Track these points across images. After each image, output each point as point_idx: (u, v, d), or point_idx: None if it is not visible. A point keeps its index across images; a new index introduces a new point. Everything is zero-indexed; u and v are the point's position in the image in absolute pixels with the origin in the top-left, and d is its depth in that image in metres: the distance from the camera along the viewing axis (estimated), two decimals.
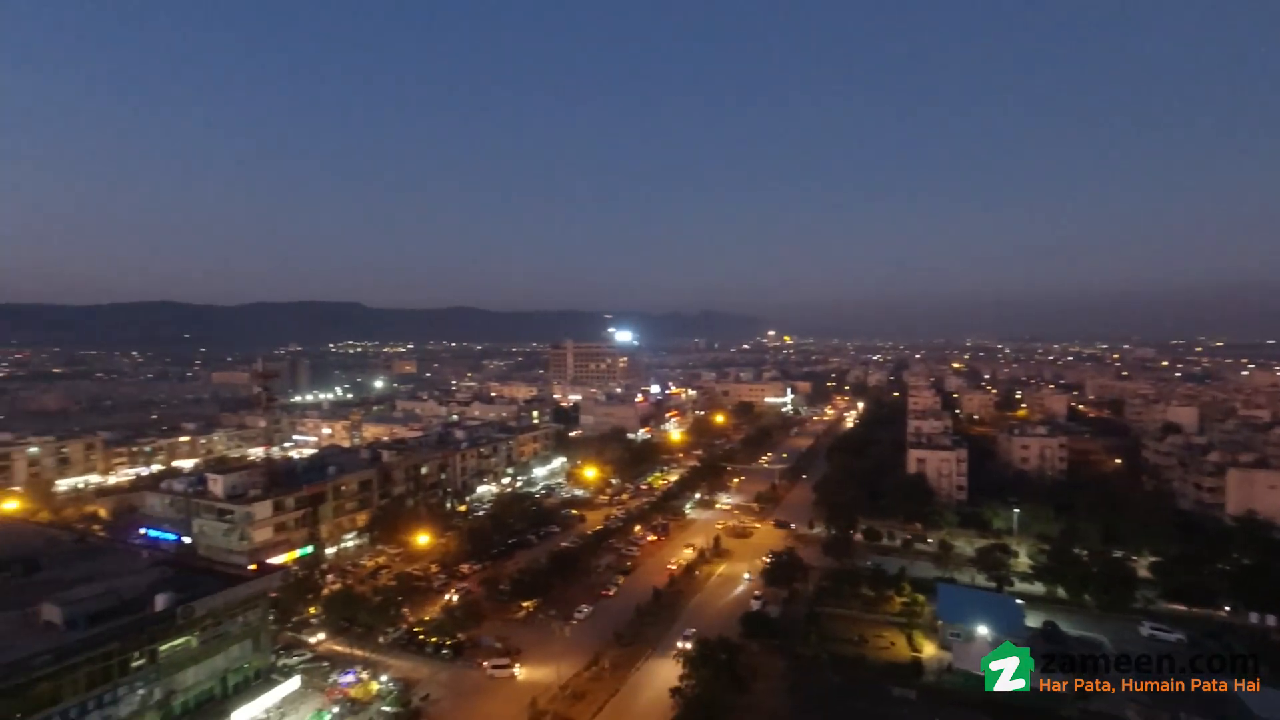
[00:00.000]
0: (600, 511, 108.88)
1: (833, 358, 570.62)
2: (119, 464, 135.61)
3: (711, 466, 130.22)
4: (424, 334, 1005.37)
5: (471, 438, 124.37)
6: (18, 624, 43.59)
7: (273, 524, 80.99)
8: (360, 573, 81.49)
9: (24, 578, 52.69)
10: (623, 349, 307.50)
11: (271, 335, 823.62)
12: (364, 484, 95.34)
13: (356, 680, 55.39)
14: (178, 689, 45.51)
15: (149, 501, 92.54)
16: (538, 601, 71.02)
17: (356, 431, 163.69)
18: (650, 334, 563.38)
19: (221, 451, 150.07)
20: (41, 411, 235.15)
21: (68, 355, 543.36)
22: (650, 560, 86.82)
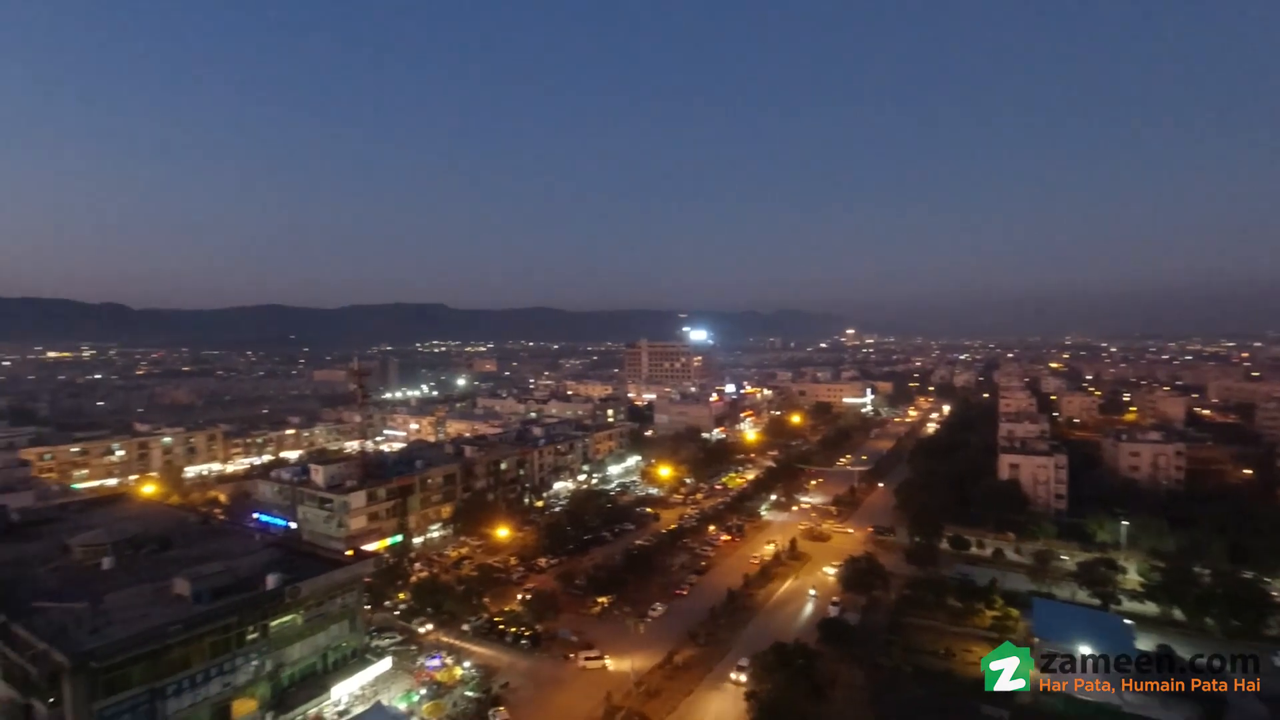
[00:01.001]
0: (674, 510, 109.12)
1: (916, 357, 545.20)
2: (236, 454, 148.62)
3: (788, 468, 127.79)
4: (503, 333, 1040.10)
5: (549, 435, 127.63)
6: (154, 595, 48.61)
7: (366, 513, 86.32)
8: (445, 562, 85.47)
9: (158, 554, 58.68)
10: (697, 348, 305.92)
11: (365, 336, 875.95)
12: (448, 478, 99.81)
13: (442, 665, 58.21)
14: (285, 662, 49.38)
15: (260, 489, 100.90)
16: (612, 598, 72.11)
17: (441, 427, 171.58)
18: (725, 333, 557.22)
19: (322, 444, 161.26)
20: (173, 406, 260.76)
21: (194, 355, 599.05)
22: (725, 561, 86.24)
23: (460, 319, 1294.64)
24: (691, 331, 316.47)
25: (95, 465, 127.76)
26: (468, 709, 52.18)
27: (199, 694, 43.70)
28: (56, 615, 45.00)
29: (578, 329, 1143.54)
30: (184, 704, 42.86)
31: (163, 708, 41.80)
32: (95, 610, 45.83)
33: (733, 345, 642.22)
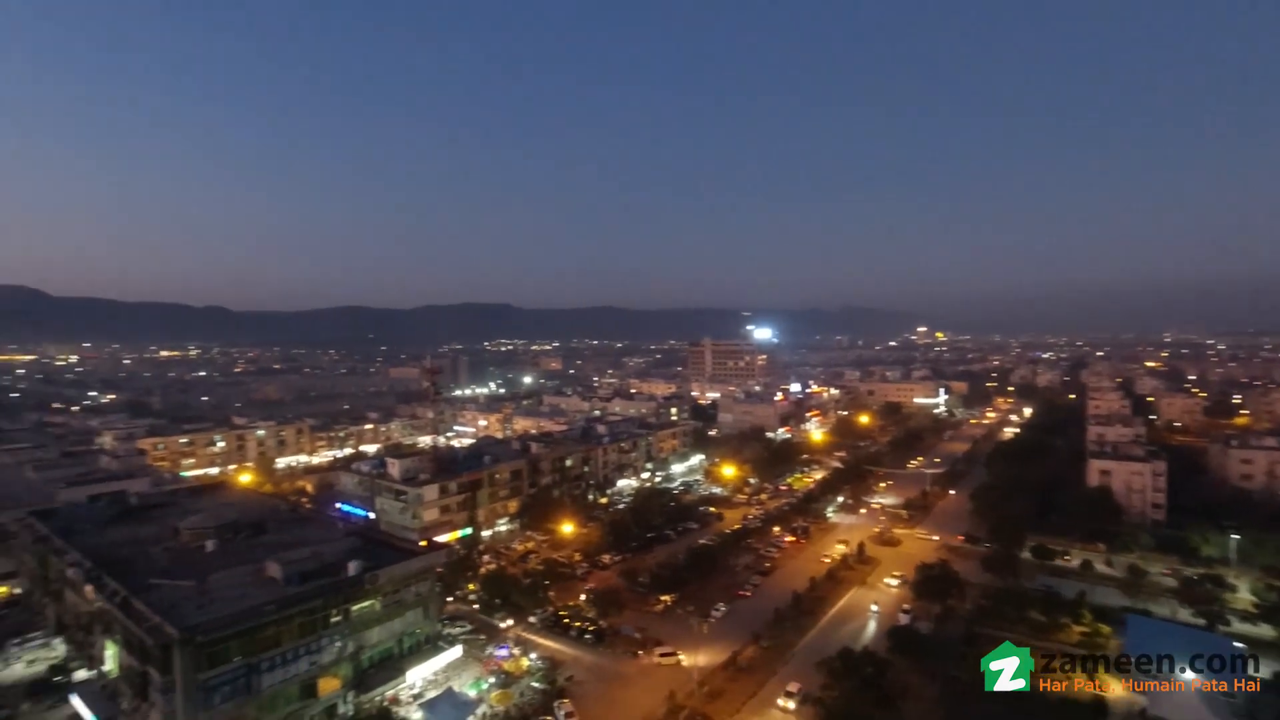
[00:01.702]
0: (738, 510, 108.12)
1: (994, 356, 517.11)
2: (320, 447, 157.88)
3: (855, 469, 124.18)
4: (568, 332, 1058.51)
5: (613, 433, 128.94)
6: (249, 577, 52.43)
7: (438, 506, 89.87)
8: (511, 556, 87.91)
9: (253, 538, 63.20)
10: (761, 346, 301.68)
11: (437, 335, 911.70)
12: (515, 473, 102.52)
13: (509, 655, 59.93)
14: (365, 645, 52.20)
15: (342, 480, 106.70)
16: (675, 596, 72.23)
17: (508, 424, 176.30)
18: (790, 331, 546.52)
19: (397, 439, 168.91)
20: (265, 401, 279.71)
21: (284, 354, 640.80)
22: (789, 563, 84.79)
23: (526, 318, 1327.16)
24: (755, 330, 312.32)
25: (200, 455, 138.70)
26: (534, 699, 53.51)
27: (289, 671, 46.81)
28: (168, 592, 49.26)
29: (641, 328, 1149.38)
30: (276, 679, 46.02)
31: (257, 682, 45.02)
32: (200, 589, 49.89)
33: (798, 344, 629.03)
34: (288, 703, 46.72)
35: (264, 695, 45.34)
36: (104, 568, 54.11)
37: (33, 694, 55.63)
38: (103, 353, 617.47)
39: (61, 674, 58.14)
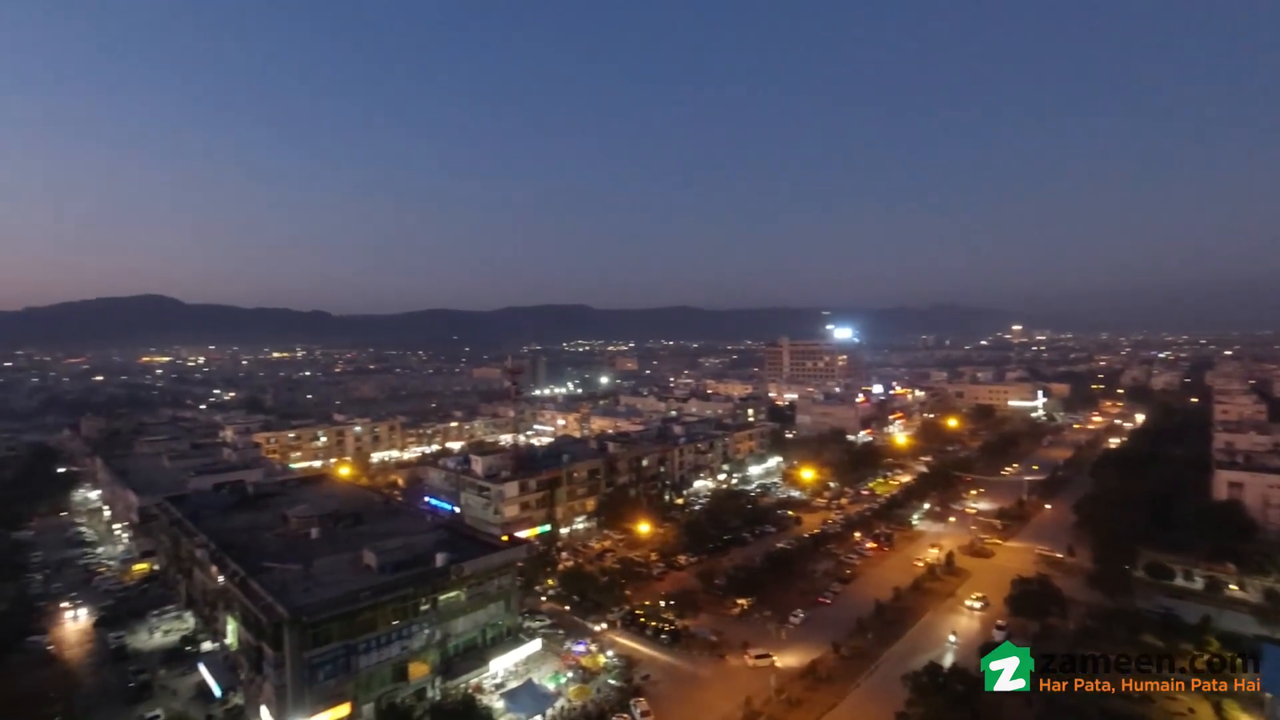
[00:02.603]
0: (817, 515, 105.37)
1: (1100, 355, 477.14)
2: (410, 442, 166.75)
3: (943, 475, 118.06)
4: (644, 333, 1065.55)
5: (689, 433, 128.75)
6: (349, 564, 56.24)
7: (519, 502, 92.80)
8: (589, 553, 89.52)
9: (352, 528, 67.74)
10: (841, 346, 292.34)
11: (517, 336, 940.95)
12: (592, 472, 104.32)
13: (587, 651, 61.07)
14: (451, 634, 54.74)
15: (430, 475, 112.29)
16: (752, 600, 71.27)
17: (586, 423, 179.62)
18: (872, 330, 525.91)
19: (480, 436, 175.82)
20: (361, 399, 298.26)
21: (378, 355, 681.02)
22: (872, 571, 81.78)
23: (603, 319, 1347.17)
24: (835, 329, 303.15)
25: (305, 449, 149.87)
26: (610, 696, 54.27)
27: (383, 654, 49.83)
28: (278, 574, 53.58)
29: (716, 328, 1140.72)
30: (371, 661, 49.10)
31: (355, 662, 48.20)
32: (306, 573, 53.97)
33: (880, 343, 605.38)
34: (382, 684, 49.73)
35: (361, 675, 48.50)
36: (225, 550, 59.59)
37: (167, 661, 62.02)
38: (225, 354, 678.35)
39: (191, 644, 64.49)
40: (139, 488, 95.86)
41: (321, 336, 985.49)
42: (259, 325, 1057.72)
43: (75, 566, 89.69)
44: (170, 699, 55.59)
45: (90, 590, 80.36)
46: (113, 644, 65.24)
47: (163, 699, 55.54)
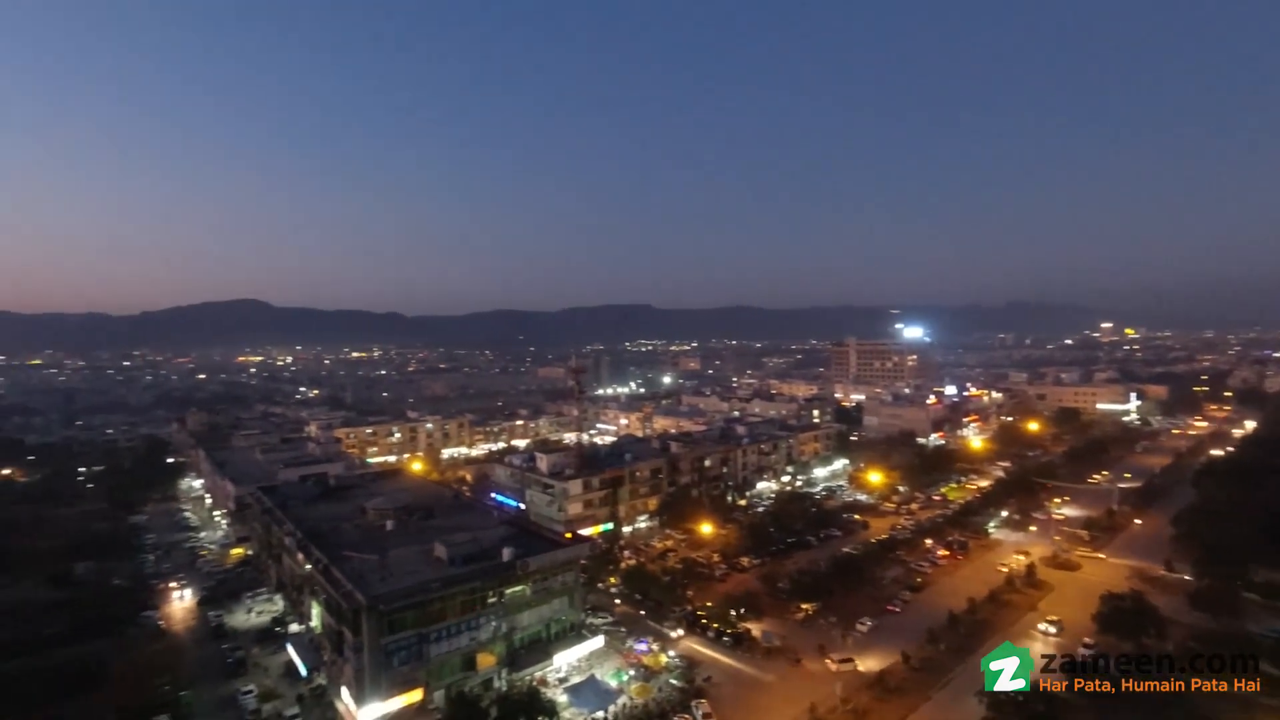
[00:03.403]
0: (885, 520, 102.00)
1: (1204, 355, 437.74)
2: (478, 439, 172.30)
3: (1023, 481, 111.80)
4: (707, 332, 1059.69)
5: (752, 434, 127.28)
6: (420, 556, 58.75)
7: (582, 500, 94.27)
8: (651, 552, 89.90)
9: (424, 521, 70.63)
10: (911, 346, 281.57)
11: (581, 335, 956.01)
12: (655, 471, 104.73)
13: (649, 650, 61.41)
14: (517, 627, 56.28)
15: (496, 472, 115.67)
16: (817, 605, 69.76)
17: (648, 423, 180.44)
18: (944, 329, 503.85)
19: (545, 434, 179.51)
20: (432, 397, 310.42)
21: (447, 354, 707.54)
22: (944, 580, 78.45)
23: (665, 319, 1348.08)
24: (905, 328, 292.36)
25: (381, 444, 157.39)
26: (671, 696, 54.36)
27: (453, 643, 51.82)
28: (357, 564, 56.56)
29: (780, 327, 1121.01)
30: (442, 649, 51.15)
31: (427, 650, 50.34)
32: (382, 563, 56.74)
33: (953, 343, 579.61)
34: (451, 672, 51.73)
35: (432, 663, 50.62)
36: (310, 538, 63.38)
37: (260, 640, 66.68)
38: (309, 354, 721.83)
39: (280, 625, 69.07)
40: (235, 478, 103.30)
41: (395, 336, 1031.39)
42: (339, 326, 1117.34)
43: (182, 549, 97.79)
44: (262, 676, 59.74)
45: (194, 571, 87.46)
46: (213, 622, 70.76)
47: (255, 675, 59.77)
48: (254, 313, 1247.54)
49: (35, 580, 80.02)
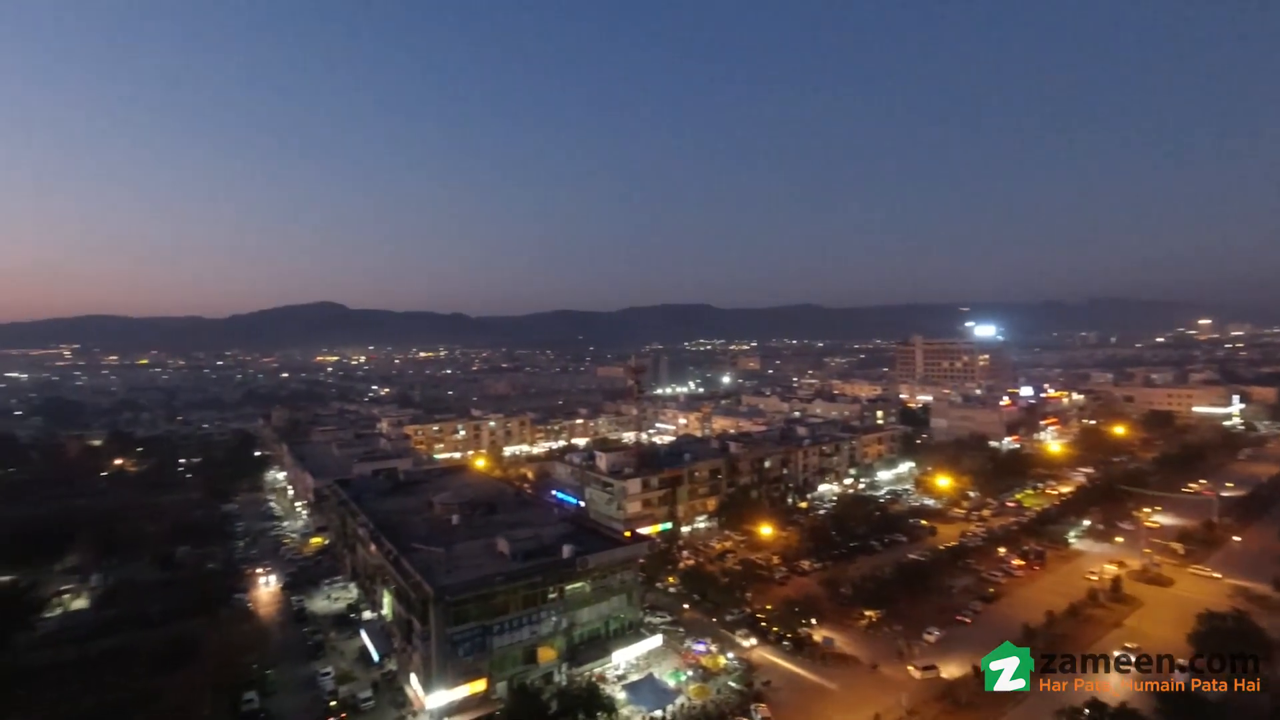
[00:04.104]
0: (954, 526, 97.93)
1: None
2: (539, 438, 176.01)
3: (1108, 488, 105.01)
4: (766, 332, 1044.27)
5: (813, 435, 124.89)
6: (484, 550, 60.61)
7: (641, 499, 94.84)
8: (709, 553, 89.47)
9: (487, 516, 72.78)
10: (983, 345, 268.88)
11: (639, 335, 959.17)
12: (714, 472, 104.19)
13: (707, 651, 61.17)
14: (576, 623, 57.23)
15: (556, 469, 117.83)
16: (881, 613, 67.75)
17: (707, 423, 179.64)
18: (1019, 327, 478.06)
19: (604, 433, 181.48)
20: (495, 396, 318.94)
21: (509, 354, 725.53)
22: (1019, 591, 74.64)
23: (724, 318, 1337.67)
24: (976, 327, 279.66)
25: (446, 441, 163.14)
26: (730, 699, 54.02)
27: (514, 636, 53.19)
28: (424, 555, 58.89)
29: (842, 326, 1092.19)
30: (504, 642, 52.59)
31: (490, 642, 51.86)
32: (448, 555, 58.87)
33: (1029, 342, 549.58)
34: (513, 664, 53.14)
35: (495, 654, 52.13)
36: (382, 530, 66.45)
37: (336, 625, 70.44)
38: (381, 354, 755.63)
39: (355, 612, 72.73)
40: (314, 471, 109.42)
41: (460, 337, 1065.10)
42: (408, 327, 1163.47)
43: (267, 537, 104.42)
44: (339, 659, 63.12)
45: (277, 558, 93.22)
46: (295, 606, 75.26)
47: (333, 658, 63.20)
48: (331, 315, 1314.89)
49: (143, 562, 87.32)
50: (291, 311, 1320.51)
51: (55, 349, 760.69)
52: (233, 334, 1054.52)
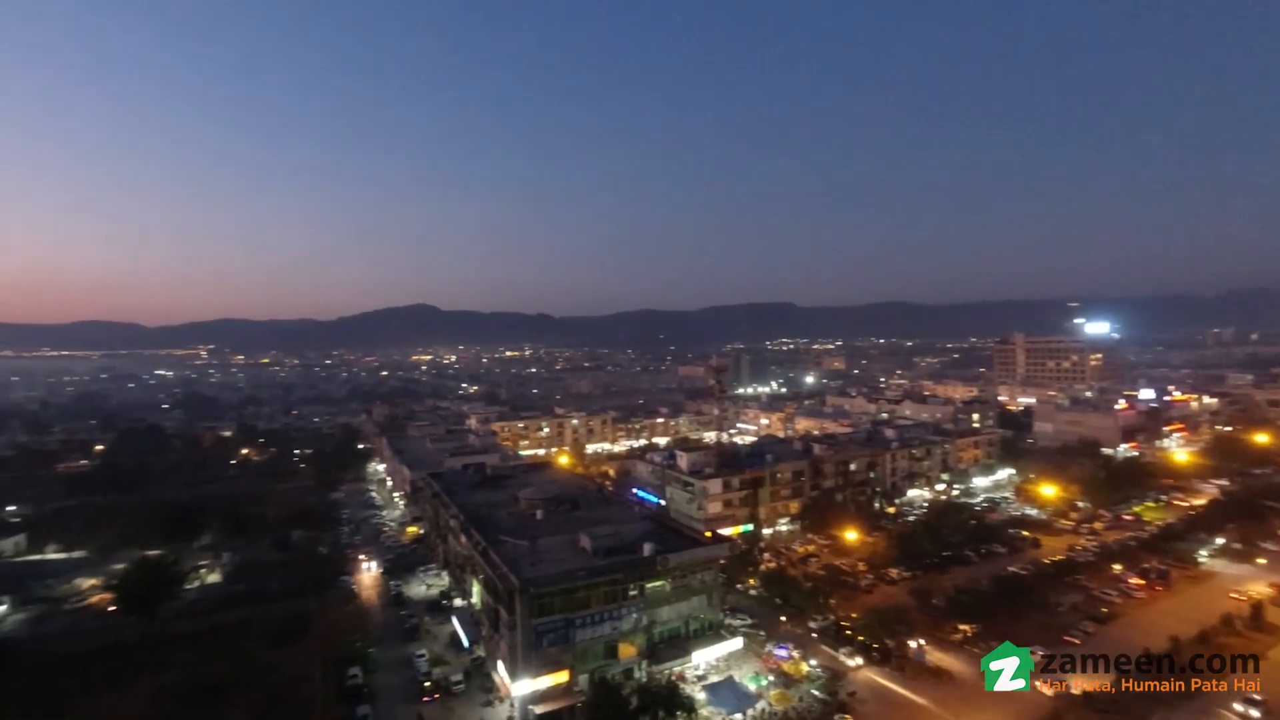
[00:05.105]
0: (1060, 539, 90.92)
1: None
2: (620, 436, 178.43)
3: (1247, 503, 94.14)
4: (851, 330, 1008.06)
5: (902, 438, 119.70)
6: (566, 545, 62.25)
7: (722, 499, 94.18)
8: (792, 557, 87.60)
9: (569, 512, 74.71)
10: (1095, 343, 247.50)
11: (721, 334, 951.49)
12: (797, 474, 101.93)
13: (789, 656, 59.93)
14: (656, 621, 57.67)
15: (637, 468, 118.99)
16: (977, 627, 63.97)
17: (790, 424, 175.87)
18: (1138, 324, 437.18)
19: (684, 433, 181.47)
20: (577, 394, 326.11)
21: (591, 353, 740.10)
22: (1138, 613, 68.30)
23: (807, 317, 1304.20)
24: (1087, 323, 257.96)
25: (531, 437, 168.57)
26: (813, 707, 52.75)
27: (596, 631, 54.34)
28: (511, 548, 61.21)
29: (933, 324, 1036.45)
30: (586, 636, 53.83)
31: (572, 635, 53.24)
32: (533, 549, 60.92)
33: (1151, 340, 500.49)
34: (595, 658, 54.29)
35: (578, 647, 53.47)
36: (471, 522, 69.68)
37: (430, 610, 74.57)
38: (470, 353, 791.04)
39: (446, 598, 76.69)
40: (411, 464, 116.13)
41: (544, 336, 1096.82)
42: (495, 327, 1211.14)
43: (369, 524, 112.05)
44: (432, 642, 66.80)
45: (377, 545, 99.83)
46: (393, 591, 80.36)
47: (427, 641, 66.96)
48: (425, 316, 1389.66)
49: (263, 543, 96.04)
50: (390, 313, 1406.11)
51: (194, 349, 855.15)
52: (339, 335, 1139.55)
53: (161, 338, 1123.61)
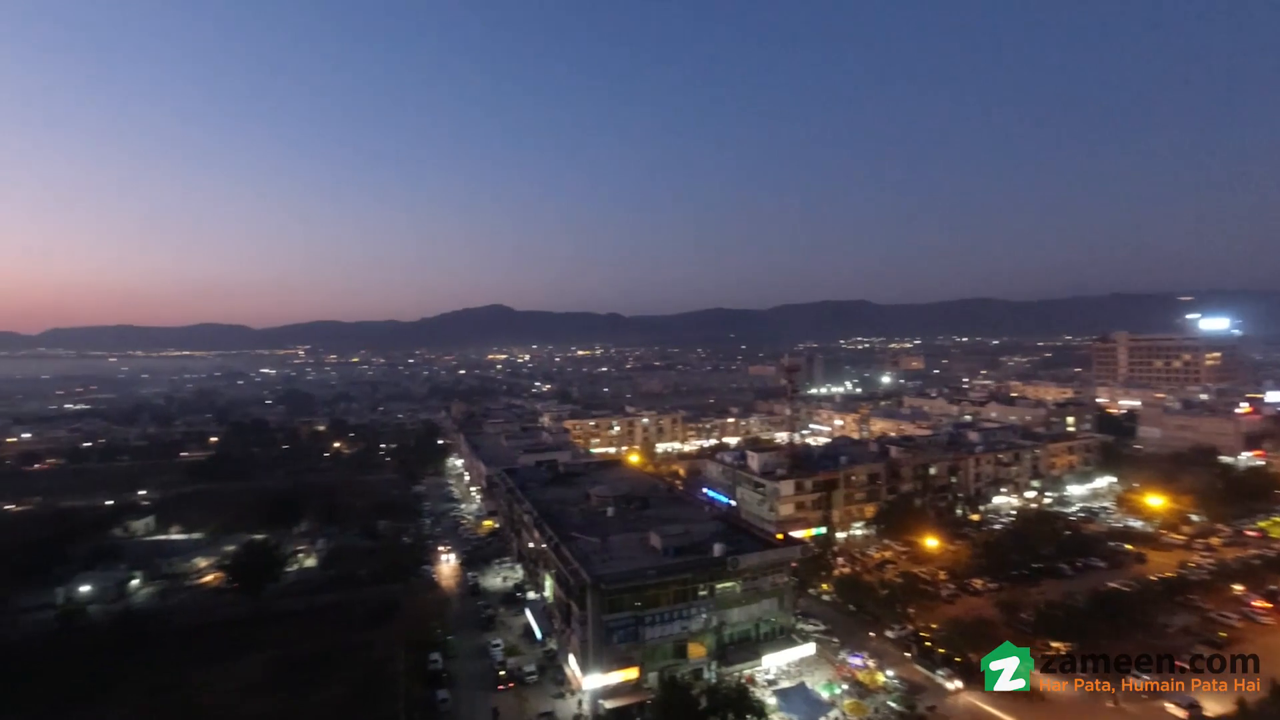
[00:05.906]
0: (1169, 554, 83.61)
1: None
2: (690, 435, 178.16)
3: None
4: (931, 329, 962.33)
5: (987, 441, 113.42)
6: (636, 543, 62.85)
7: (794, 501, 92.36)
8: (867, 562, 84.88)
9: (640, 510, 75.32)
10: (1212, 340, 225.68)
11: (793, 333, 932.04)
12: (872, 477, 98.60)
13: (864, 665, 58.19)
14: (726, 623, 57.25)
15: (708, 468, 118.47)
16: (1071, 646, 59.74)
17: (865, 425, 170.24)
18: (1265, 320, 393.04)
19: (755, 433, 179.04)
20: (648, 394, 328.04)
21: (662, 353, 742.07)
22: (1264, 639, 61.76)
23: (883, 314, 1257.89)
24: (1201, 319, 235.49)
25: (602, 435, 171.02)
26: (889, 719, 51.02)
27: (665, 629, 54.55)
28: (582, 544, 62.44)
29: (1023, 321, 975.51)
30: (655, 634, 54.13)
31: (642, 632, 53.67)
32: (603, 545, 61.91)
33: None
34: (664, 657, 54.52)
35: (647, 645, 53.87)
36: (544, 517, 71.54)
37: (505, 601, 77.21)
38: (543, 352, 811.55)
39: (520, 591, 79.15)
40: (486, 460, 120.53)
41: (615, 336, 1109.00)
42: (567, 327, 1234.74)
43: (448, 517, 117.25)
44: (507, 633, 69.17)
45: (456, 536, 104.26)
46: (470, 582, 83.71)
47: (502, 631, 69.42)
48: (500, 316, 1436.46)
49: (354, 531, 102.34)
50: (468, 314, 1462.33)
51: (293, 349, 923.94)
52: (421, 334, 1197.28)
53: (265, 338, 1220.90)
